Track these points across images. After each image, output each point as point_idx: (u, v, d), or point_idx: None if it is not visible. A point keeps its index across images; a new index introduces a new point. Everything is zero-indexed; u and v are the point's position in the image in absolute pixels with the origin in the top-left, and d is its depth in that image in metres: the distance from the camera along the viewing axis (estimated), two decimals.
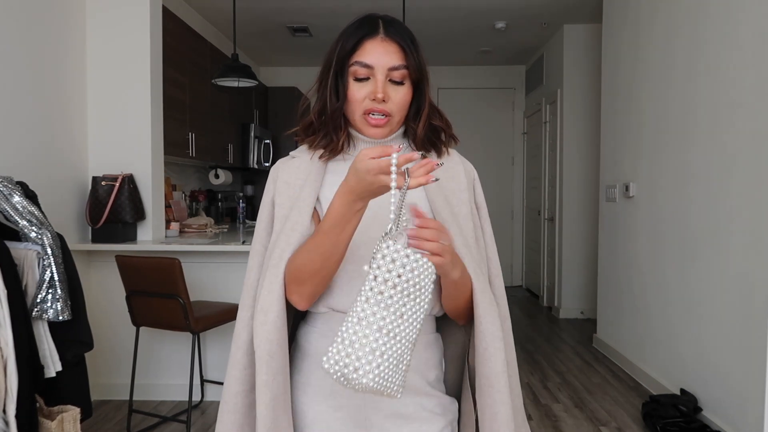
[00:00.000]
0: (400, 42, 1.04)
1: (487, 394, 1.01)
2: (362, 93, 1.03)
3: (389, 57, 1.03)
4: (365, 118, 1.05)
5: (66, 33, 3.16)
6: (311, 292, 1.01)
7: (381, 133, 1.06)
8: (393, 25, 1.05)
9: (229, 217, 5.67)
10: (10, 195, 2.03)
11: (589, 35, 5.42)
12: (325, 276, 1.00)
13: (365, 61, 1.02)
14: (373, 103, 1.03)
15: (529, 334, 4.95)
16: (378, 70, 1.02)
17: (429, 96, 1.09)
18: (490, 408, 1.01)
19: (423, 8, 4.91)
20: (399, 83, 1.04)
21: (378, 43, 1.03)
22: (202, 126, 4.51)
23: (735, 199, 2.69)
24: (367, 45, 1.03)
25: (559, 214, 5.65)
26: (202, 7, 4.98)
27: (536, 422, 3.08)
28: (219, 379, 3.34)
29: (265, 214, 1.10)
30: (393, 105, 1.04)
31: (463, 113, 7.06)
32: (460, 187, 1.11)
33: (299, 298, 1.02)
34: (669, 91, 3.35)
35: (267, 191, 1.12)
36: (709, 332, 2.90)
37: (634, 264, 3.80)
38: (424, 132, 1.09)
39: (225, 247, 3.16)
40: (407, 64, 1.03)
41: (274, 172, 1.13)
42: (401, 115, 1.07)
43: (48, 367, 2.04)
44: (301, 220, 1.03)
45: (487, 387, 1.01)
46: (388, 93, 1.03)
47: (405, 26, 1.07)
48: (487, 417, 1.02)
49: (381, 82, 1.02)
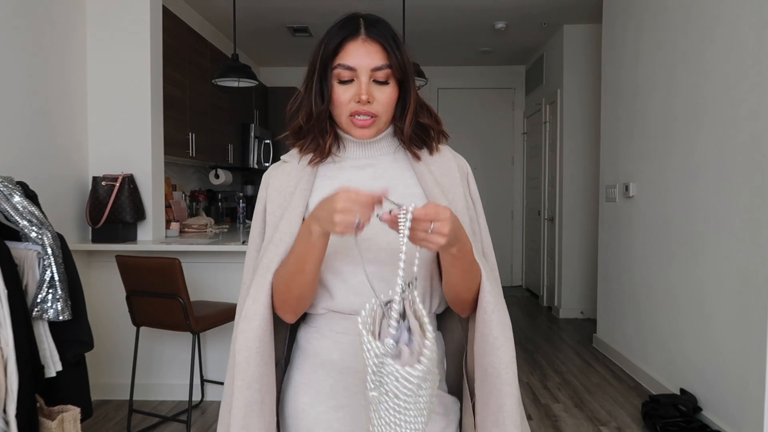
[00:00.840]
0: (382, 42, 1.02)
1: (493, 384, 0.99)
2: (347, 95, 1.03)
3: (371, 58, 1.02)
4: (351, 120, 1.04)
5: (66, 33, 3.16)
6: (292, 308, 1.03)
7: (368, 133, 1.06)
8: (375, 25, 1.04)
9: (229, 217, 5.67)
10: (11, 195, 2.03)
11: (589, 35, 5.42)
12: (300, 295, 1.01)
13: (347, 63, 1.01)
14: (358, 105, 1.02)
15: (529, 334, 4.95)
16: (361, 71, 1.02)
17: (415, 93, 1.08)
18: (496, 399, 0.99)
19: (423, 8, 4.91)
20: (383, 83, 1.03)
21: (360, 45, 1.02)
22: (202, 126, 4.51)
23: (735, 199, 2.70)
24: (349, 47, 1.02)
25: (559, 214, 5.65)
26: (202, 7, 4.98)
27: (536, 422, 3.08)
28: (219, 379, 3.34)
29: (259, 220, 1.12)
30: (379, 105, 1.04)
31: (463, 113, 7.06)
32: (455, 183, 1.11)
33: (282, 313, 1.04)
34: (669, 91, 3.35)
35: (260, 198, 1.13)
36: (710, 332, 2.90)
37: (634, 264, 3.81)
38: (412, 129, 1.08)
39: (225, 247, 3.16)
40: (390, 63, 1.02)
41: (266, 179, 1.13)
42: (388, 115, 1.07)
43: (48, 367, 2.04)
44: (289, 231, 1.03)
45: (495, 377, 0.99)
46: (373, 94, 1.03)
47: (387, 24, 1.06)
48: (492, 409, 1.00)
49: (365, 84, 1.02)
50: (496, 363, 0.99)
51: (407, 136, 1.08)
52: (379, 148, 1.11)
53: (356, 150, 1.10)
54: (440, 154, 1.13)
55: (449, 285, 1.02)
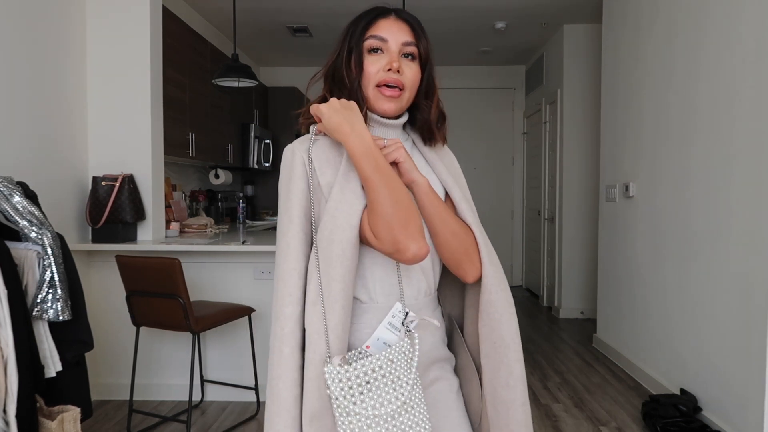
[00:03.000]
0: (412, 23, 1.11)
1: (503, 353, 1.09)
2: (376, 66, 1.08)
3: (402, 33, 1.09)
4: (379, 91, 1.08)
5: (66, 33, 3.16)
6: (419, 225, 1.00)
7: (393, 108, 1.09)
8: (404, 12, 1.14)
9: (229, 217, 5.67)
10: (11, 195, 2.03)
11: (589, 35, 5.42)
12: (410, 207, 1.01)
13: (380, 34, 1.08)
14: (388, 73, 1.07)
15: (529, 334, 4.95)
16: (392, 42, 1.08)
17: (436, 81, 1.14)
18: (506, 366, 1.09)
19: (423, 8, 4.91)
20: (410, 59, 1.09)
21: (391, 21, 1.10)
22: (202, 126, 4.51)
23: (735, 199, 2.70)
24: (380, 22, 1.09)
25: (559, 214, 5.65)
26: (202, 7, 4.98)
27: (536, 422, 3.08)
28: (219, 379, 3.34)
29: (297, 198, 1.06)
30: (406, 78, 1.08)
31: (463, 113, 7.07)
32: (459, 172, 1.21)
33: (417, 237, 0.99)
34: (669, 91, 3.35)
35: (294, 176, 1.07)
36: (709, 332, 2.90)
37: (634, 264, 3.81)
38: (438, 113, 1.15)
39: (225, 247, 3.16)
40: (417, 43, 1.10)
41: (300, 156, 1.08)
42: (411, 93, 1.11)
43: (48, 367, 2.04)
44: (358, 191, 1.03)
45: (503, 348, 1.09)
46: (402, 66, 1.07)
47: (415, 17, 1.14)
48: (503, 374, 1.09)
49: (395, 53, 1.08)
50: (505, 335, 1.08)
51: (435, 118, 1.14)
52: (395, 136, 1.15)
53: (378, 129, 1.13)
54: (444, 149, 1.21)
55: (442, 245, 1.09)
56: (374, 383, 0.96)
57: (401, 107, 1.10)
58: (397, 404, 0.97)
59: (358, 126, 1.00)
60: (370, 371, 0.96)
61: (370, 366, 0.96)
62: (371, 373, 0.96)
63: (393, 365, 0.98)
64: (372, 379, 0.96)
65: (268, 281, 3.32)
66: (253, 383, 3.20)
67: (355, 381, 0.96)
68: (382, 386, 0.97)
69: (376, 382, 0.96)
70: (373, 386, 0.96)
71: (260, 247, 3.14)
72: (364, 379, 0.96)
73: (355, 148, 0.99)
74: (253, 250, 3.17)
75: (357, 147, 0.99)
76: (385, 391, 0.97)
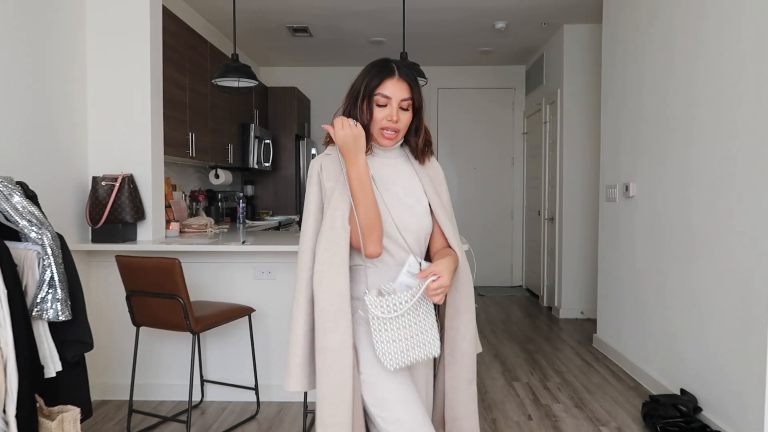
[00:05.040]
0: (409, 82, 1.58)
1: (463, 313, 1.64)
2: (382, 115, 1.56)
3: (402, 91, 1.56)
4: (381, 133, 1.59)
5: (66, 33, 3.16)
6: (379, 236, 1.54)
7: (390, 144, 1.61)
8: (404, 68, 1.59)
9: (229, 217, 5.67)
10: (10, 195, 2.03)
11: (589, 35, 5.42)
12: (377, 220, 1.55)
13: (386, 93, 1.56)
14: (389, 122, 1.56)
15: (529, 334, 4.95)
16: (394, 100, 1.56)
17: (424, 119, 1.64)
18: (464, 324, 1.64)
19: (423, 8, 4.91)
20: (405, 110, 1.58)
21: (395, 81, 1.56)
22: (202, 126, 4.51)
23: (735, 199, 2.69)
24: (387, 83, 1.56)
25: (559, 214, 5.64)
26: (202, 7, 4.98)
27: (536, 422, 3.08)
28: (219, 379, 3.34)
29: (313, 201, 1.59)
30: (401, 124, 1.59)
31: (463, 113, 7.07)
32: (442, 183, 1.72)
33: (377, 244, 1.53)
34: (669, 91, 3.35)
35: (313, 182, 1.60)
36: (709, 332, 2.90)
37: (634, 264, 3.80)
38: (424, 142, 1.65)
39: (225, 247, 3.15)
40: (413, 97, 1.58)
41: (315, 167, 1.61)
42: (404, 131, 1.62)
43: (48, 367, 2.04)
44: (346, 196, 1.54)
45: (462, 310, 1.64)
46: (399, 116, 1.57)
47: (411, 68, 1.60)
48: (462, 329, 1.64)
49: (395, 109, 1.56)
50: (464, 293, 1.64)
51: (420, 147, 1.65)
52: (394, 154, 1.67)
53: (380, 152, 1.65)
54: (432, 162, 1.72)
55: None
56: (401, 307, 1.48)
57: (397, 141, 1.62)
58: (415, 318, 1.52)
59: (360, 158, 1.51)
60: (399, 303, 1.48)
61: (401, 298, 1.48)
62: (401, 305, 1.48)
63: (413, 297, 1.50)
64: (400, 305, 1.48)
65: (268, 281, 3.32)
66: (253, 383, 3.20)
67: (392, 306, 1.47)
68: (407, 311, 1.49)
69: (402, 306, 1.48)
70: (400, 309, 1.48)
71: (260, 247, 3.14)
72: (394, 307, 1.47)
73: (352, 173, 1.51)
74: (253, 250, 3.17)
75: (353, 173, 1.51)
76: (408, 311, 1.50)
